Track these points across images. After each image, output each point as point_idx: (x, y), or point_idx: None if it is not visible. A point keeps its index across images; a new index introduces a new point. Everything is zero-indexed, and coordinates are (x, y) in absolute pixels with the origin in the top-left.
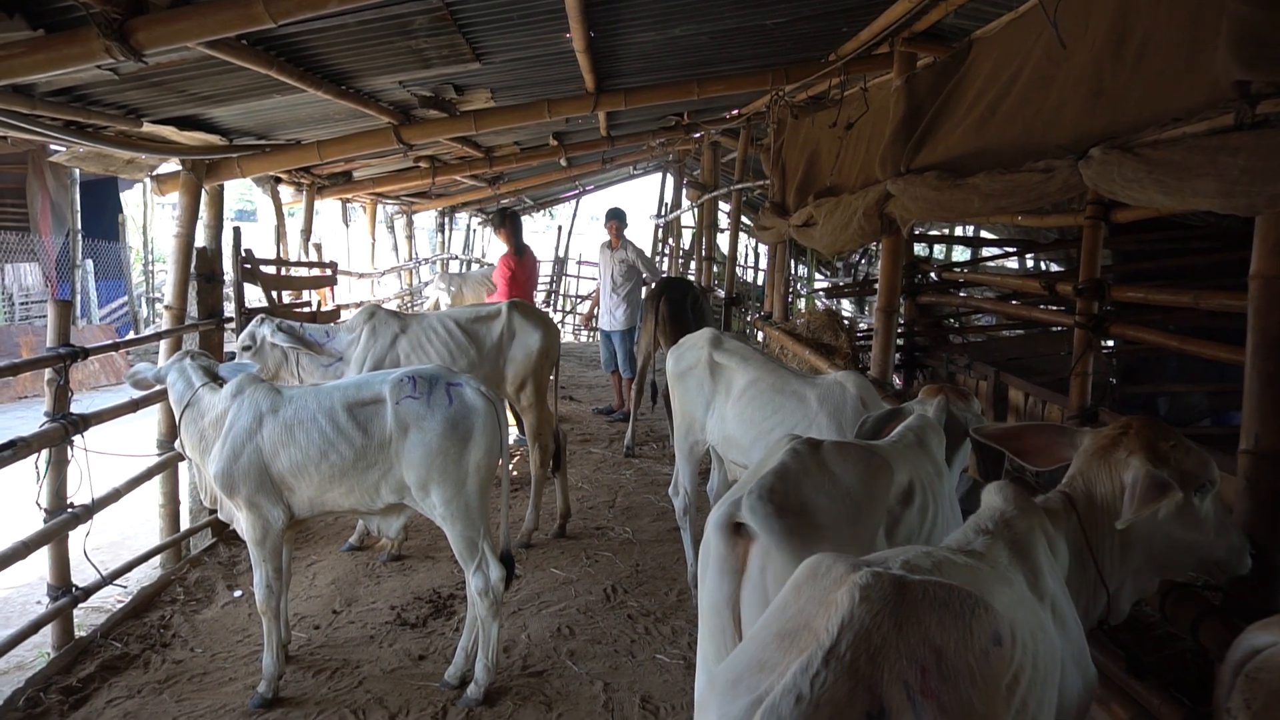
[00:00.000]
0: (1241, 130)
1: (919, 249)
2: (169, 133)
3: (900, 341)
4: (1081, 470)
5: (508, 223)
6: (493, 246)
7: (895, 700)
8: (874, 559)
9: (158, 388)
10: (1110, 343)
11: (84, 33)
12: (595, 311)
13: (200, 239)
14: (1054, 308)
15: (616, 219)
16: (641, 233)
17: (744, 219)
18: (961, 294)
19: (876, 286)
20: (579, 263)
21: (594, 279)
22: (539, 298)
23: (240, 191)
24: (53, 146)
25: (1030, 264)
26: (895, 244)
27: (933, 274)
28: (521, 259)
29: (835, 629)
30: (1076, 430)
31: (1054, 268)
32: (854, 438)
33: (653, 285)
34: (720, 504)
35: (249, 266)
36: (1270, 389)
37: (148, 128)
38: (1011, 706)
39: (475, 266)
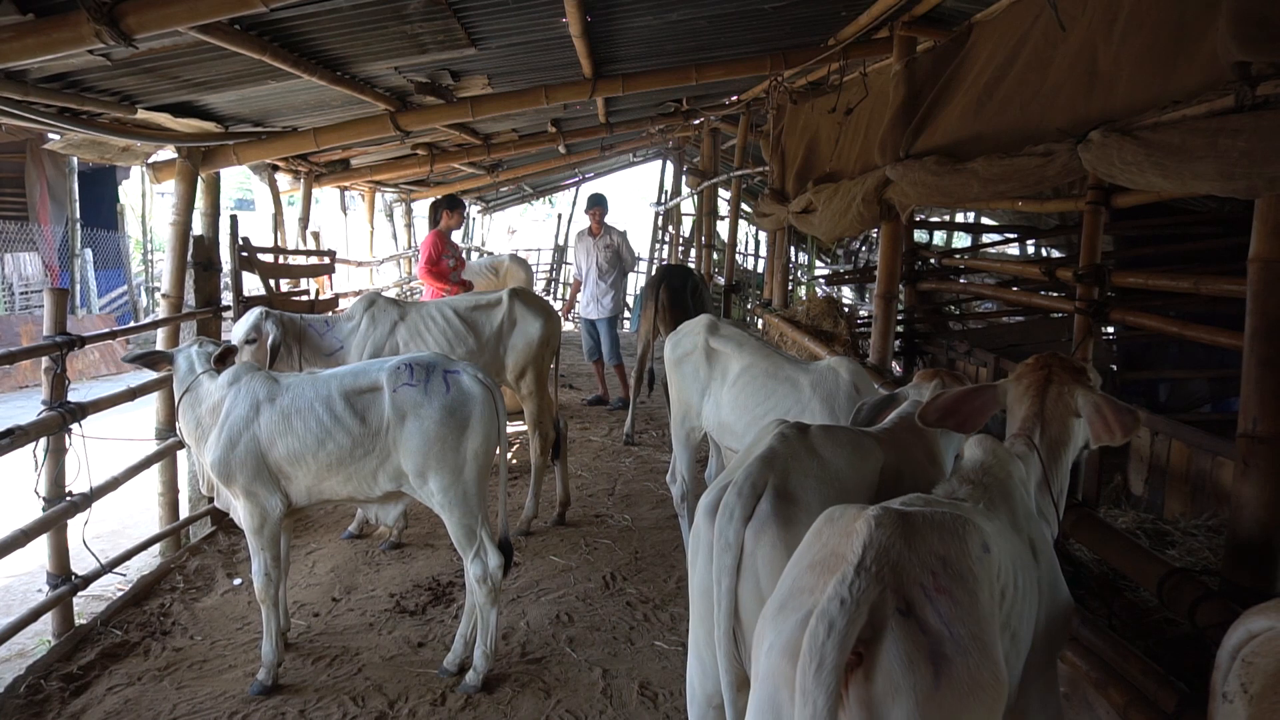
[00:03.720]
0: (1241, 112)
1: (919, 235)
2: (164, 120)
3: (900, 328)
4: (1034, 412)
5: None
6: (493, 234)
7: (917, 598)
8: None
9: (158, 375)
10: (1110, 328)
11: (74, 16)
12: (576, 300)
13: (197, 227)
14: (1054, 293)
15: (599, 205)
16: (641, 220)
17: (744, 206)
18: (962, 280)
19: (876, 273)
20: None
21: None
22: (539, 285)
23: (239, 180)
24: (49, 135)
25: (1031, 250)
26: (895, 230)
27: (933, 260)
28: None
29: (860, 549)
30: (993, 385)
31: (1054, 253)
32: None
33: (629, 271)
34: (710, 489)
35: (246, 255)
36: (1269, 372)
37: (142, 114)
38: (1000, 613)
39: (475, 255)
